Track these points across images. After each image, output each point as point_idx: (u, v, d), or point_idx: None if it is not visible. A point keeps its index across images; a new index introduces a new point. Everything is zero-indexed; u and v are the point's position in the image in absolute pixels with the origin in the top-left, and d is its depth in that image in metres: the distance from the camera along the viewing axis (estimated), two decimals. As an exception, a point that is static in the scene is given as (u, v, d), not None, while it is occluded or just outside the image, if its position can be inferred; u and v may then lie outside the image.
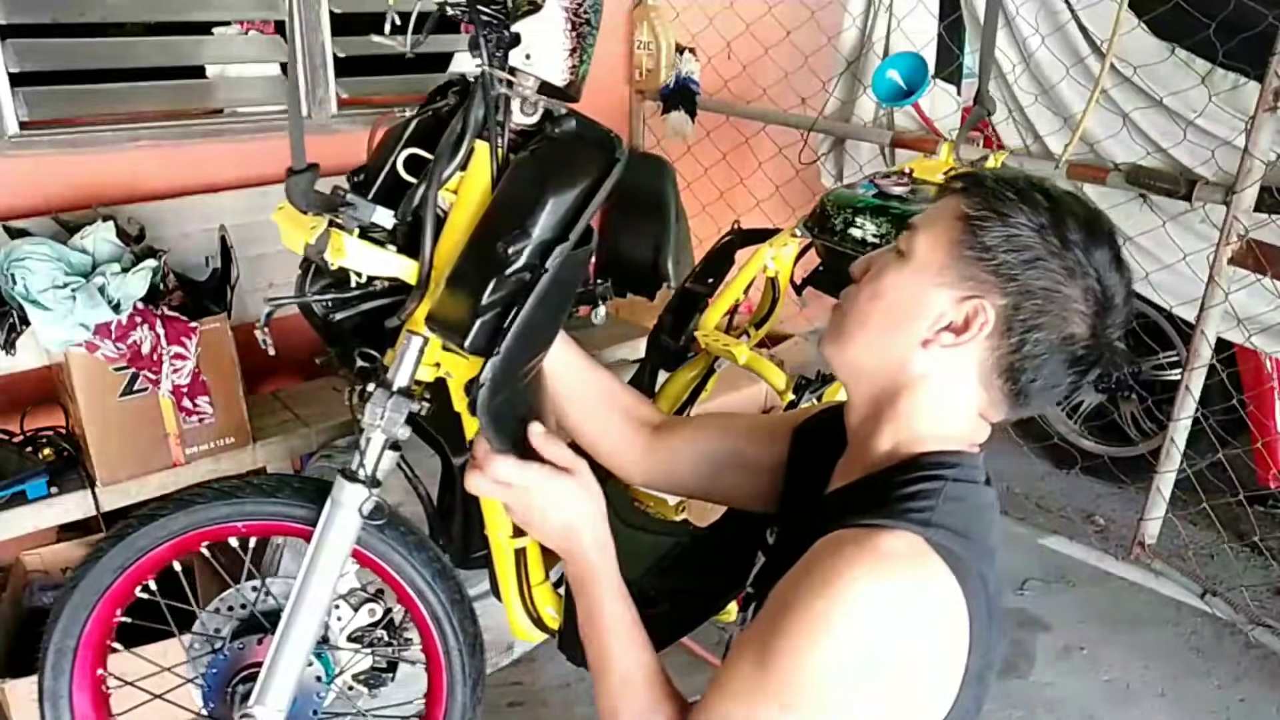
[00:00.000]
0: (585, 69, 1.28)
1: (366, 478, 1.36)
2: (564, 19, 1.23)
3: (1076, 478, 3.14)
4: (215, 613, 1.55)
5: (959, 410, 1.02)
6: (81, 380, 1.92)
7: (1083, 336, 0.99)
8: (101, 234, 1.96)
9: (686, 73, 3.20)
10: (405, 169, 1.34)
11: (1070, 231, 0.96)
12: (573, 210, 1.21)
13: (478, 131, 1.29)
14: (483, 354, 1.19)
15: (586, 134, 1.29)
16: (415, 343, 1.31)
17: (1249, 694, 2.32)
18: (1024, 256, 0.96)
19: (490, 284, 1.17)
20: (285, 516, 1.49)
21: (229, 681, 1.51)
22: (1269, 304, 2.37)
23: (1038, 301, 0.96)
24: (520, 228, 1.18)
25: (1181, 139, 2.43)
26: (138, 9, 2.43)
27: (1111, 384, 1.10)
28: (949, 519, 0.93)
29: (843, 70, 3.09)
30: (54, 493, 1.99)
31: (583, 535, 1.14)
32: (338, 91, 2.62)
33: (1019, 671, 2.37)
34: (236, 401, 2.10)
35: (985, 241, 0.97)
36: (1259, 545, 2.76)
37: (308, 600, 1.39)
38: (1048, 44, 2.63)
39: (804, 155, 3.17)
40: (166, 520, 1.49)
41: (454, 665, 1.59)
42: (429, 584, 1.54)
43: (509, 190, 1.27)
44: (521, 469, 1.15)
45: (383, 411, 1.31)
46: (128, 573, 1.49)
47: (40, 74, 2.22)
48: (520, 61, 1.24)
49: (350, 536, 1.39)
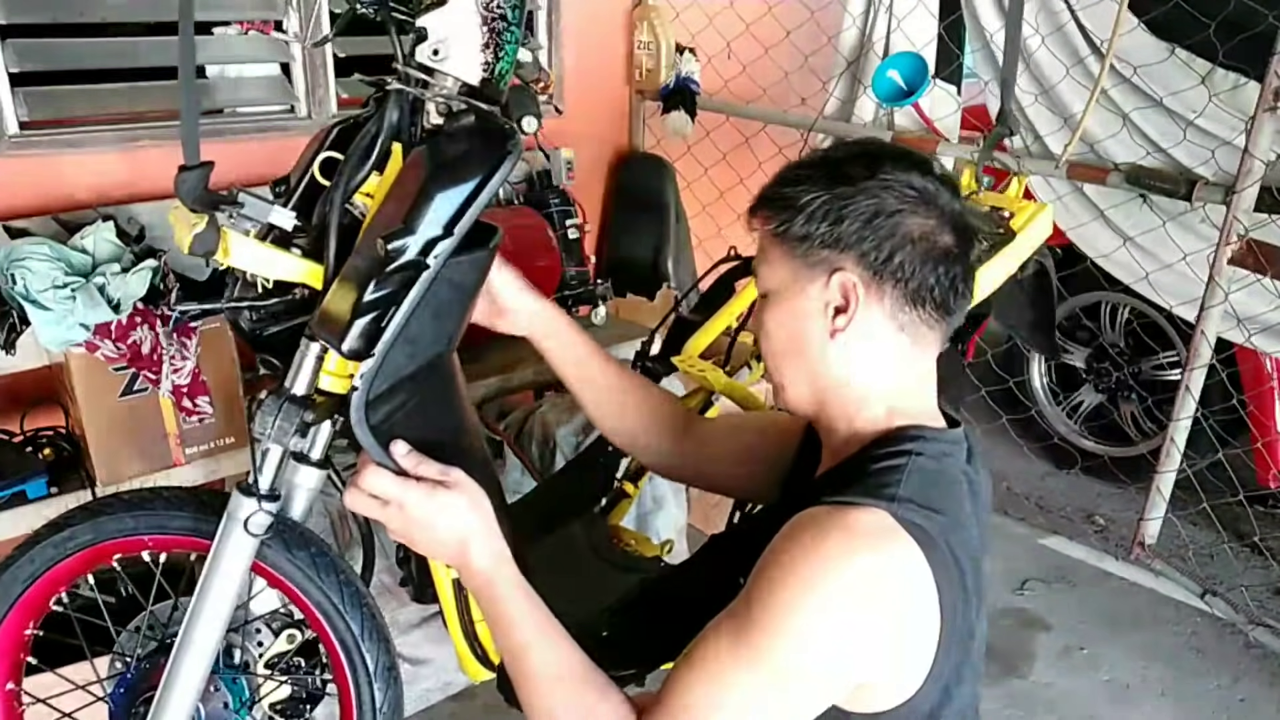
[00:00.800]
0: (505, 66, 1.21)
1: (259, 491, 1.29)
2: (475, 12, 1.18)
3: (1076, 478, 3.14)
4: (135, 632, 1.47)
5: (897, 366, 1.06)
6: (81, 380, 1.92)
7: (930, 226, 1.02)
8: (101, 234, 1.95)
9: (686, 73, 3.20)
10: (323, 174, 1.29)
11: (848, 168, 1.03)
12: (459, 205, 1.15)
13: (393, 133, 1.25)
14: (360, 357, 1.13)
15: (479, 127, 1.22)
16: (312, 349, 1.25)
17: (1249, 694, 2.32)
18: (831, 215, 1.01)
19: (371, 282, 1.12)
20: (193, 531, 1.41)
21: (133, 702, 1.44)
22: (1269, 304, 2.38)
23: (871, 233, 1.01)
24: (404, 224, 1.12)
25: (1181, 139, 2.43)
26: (138, 9, 2.43)
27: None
28: (914, 493, 0.96)
29: (843, 70, 3.09)
30: (54, 493, 1.99)
31: (470, 544, 1.08)
32: (338, 91, 2.62)
33: (1019, 671, 2.37)
34: (237, 401, 2.10)
35: (799, 233, 1.03)
36: (1259, 545, 2.76)
37: (202, 620, 1.31)
38: (1048, 44, 2.63)
39: (804, 155, 3.17)
40: (74, 531, 1.42)
41: (363, 697, 1.48)
42: (337, 608, 1.44)
43: (398, 187, 1.22)
44: (397, 484, 1.10)
45: (273, 420, 1.23)
46: (36, 584, 1.42)
47: (40, 74, 2.22)
48: (428, 58, 1.19)
49: (244, 553, 1.31)
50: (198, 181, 1.21)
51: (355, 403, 1.13)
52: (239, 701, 1.46)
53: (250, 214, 1.23)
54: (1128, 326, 3.11)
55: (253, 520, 1.28)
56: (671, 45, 3.22)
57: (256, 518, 1.28)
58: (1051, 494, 3.12)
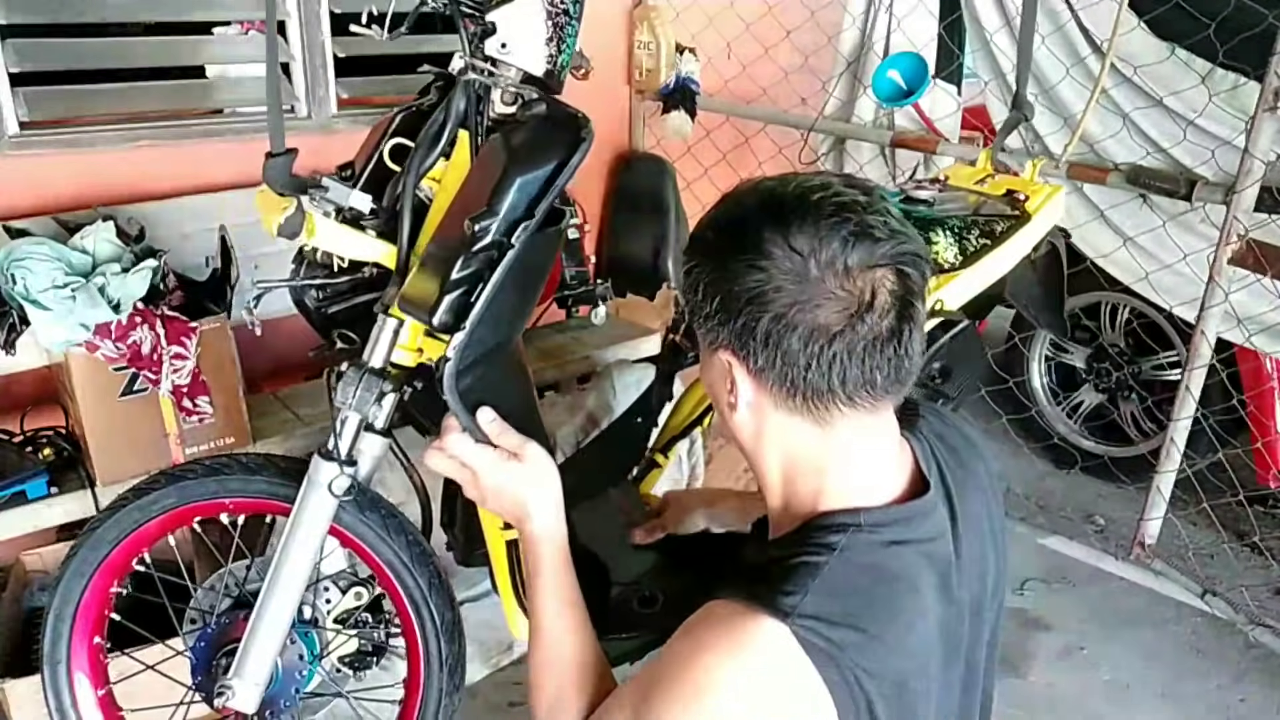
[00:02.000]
0: (566, 58, 1.31)
1: (340, 457, 1.38)
2: (541, 8, 1.26)
3: (1076, 478, 3.14)
4: (210, 590, 1.60)
5: (813, 448, 0.95)
6: (81, 380, 1.92)
7: (800, 306, 0.88)
8: (101, 234, 1.95)
9: (686, 73, 3.20)
10: (392, 159, 1.36)
11: (733, 236, 0.93)
12: (539, 188, 1.23)
13: (459, 121, 1.33)
14: (449, 331, 1.21)
15: (553, 115, 1.31)
16: (390, 324, 1.33)
17: (1249, 694, 2.32)
18: (708, 293, 0.93)
19: (458, 262, 1.19)
20: (270, 494, 1.52)
21: (214, 655, 1.55)
22: (1269, 304, 2.38)
23: (739, 319, 0.91)
24: (486, 206, 1.20)
25: (1181, 139, 2.43)
26: (138, 9, 2.43)
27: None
28: (822, 607, 0.86)
29: (843, 70, 3.09)
30: (54, 493, 1.99)
31: (528, 520, 1.17)
32: (338, 91, 2.62)
33: (1019, 671, 2.37)
34: (236, 401, 2.10)
35: (689, 303, 0.97)
36: (1259, 545, 2.76)
37: (283, 577, 1.42)
38: (1048, 44, 2.63)
39: (804, 155, 3.17)
40: (159, 495, 1.53)
41: (430, 649, 1.60)
42: (407, 566, 1.56)
43: (477, 171, 1.29)
44: (476, 450, 1.19)
45: (354, 390, 1.33)
46: (122, 544, 1.53)
47: (40, 74, 2.22)
48: (496, 51, 1.26)
49: (325, 515, 1.42)
50: (284, 167, 1.28)
51: (448, 371, 1.20)
52: (311, 654, 1.57)
53: (333, 198, 1.30)
54: (1128, 326, 3.10)
55: (335, 483, 1.38)
56: (671, 45, 3.21)
57: (339, 481, 1.38)
58: (1051, 494, 3.12)
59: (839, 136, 3.18)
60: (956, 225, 1.79)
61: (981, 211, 1.85)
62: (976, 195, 1.93)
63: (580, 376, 2.74)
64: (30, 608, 2.14)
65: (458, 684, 1.63)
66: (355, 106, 2.67)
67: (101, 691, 1.60)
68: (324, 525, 1.43)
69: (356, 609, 1.63)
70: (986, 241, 1.79)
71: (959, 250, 1.78)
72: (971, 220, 1.81)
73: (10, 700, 1.86)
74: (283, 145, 1.28)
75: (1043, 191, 1.89)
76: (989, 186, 1.96)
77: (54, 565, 2.24)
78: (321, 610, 1.60)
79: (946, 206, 1.86)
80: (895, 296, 0.89)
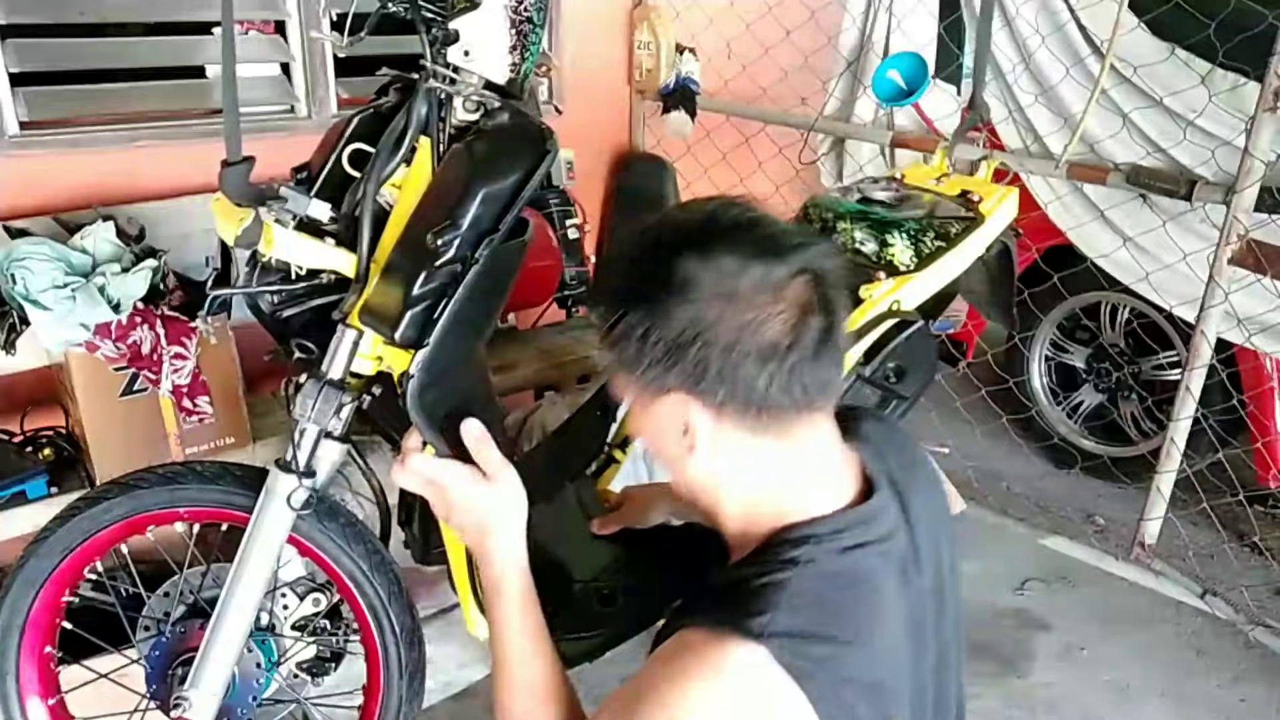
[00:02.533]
0: (529, 66, 1.29)
1: (299, 469, 1.37)
2: (504, 16, 1.24)
3: (1076, 478, 3.14)
4: (165, 597, 1.58)
5: (772, 469, 0.96)
6: (81, 380, 1.92)
7: (743, 325, 0.88)
8: (101, 234, 1.96)
9: (686, 73, 3.20)
10: (350, 165, 1.35)
11: (658, 269, 0.90)
12: (503, 201, 1.22)
13: (421, 128, 1.31)
14: (413, 346, 1.20)
15: (516, 126, 1.29)
16: (349, 335, 1.31)
17: (1249, 694, 2.32)
18: (646, 334, 0.90)
19: (420, 276, 1.18)
20: (226, 504, 1.50)
21: (170, 664, 1.53)
22: (1269, 304, 2.37)
23: (682, 353, 0.89)
24: (450, 219, 1.19)
25: (1181, 139, 2.43)
26: (138, 9, 2.43)
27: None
28: (793, 622, 0.86)
29: (843, 70, 3.09)
30: (54, 493, 1.99)
31: (489, 540, 1.14)
32: (338, 91, 2.62)
33: (1019, 671, 2.37)
34: (236, 401, 2.10)
35: (624, 353, 0.93)
36: (1259, 545, 2.76)
37: (241, 587, 1.41)
38: (1048, 44, 2.63)
39: (804, 155, 3.17)
40: (111, 504, 1.50)
41: (390, 656, 1.59)
42: (366, 575, 1.55)
43: (440, 182, 1.28)
44: (440, 467, 1.17)
45: (313, 403, 1.32)
46: (74, 554, 1.51)
47: (40, 74, 2.22)
48: (459, 58, 1.25)
49: (283, 526, 1.41)
50: (242, 176, 1.27)
51: (413, 387, 1.20)
52: (269, 661, 1.56)
53: (291, 207, 1.29)
54: (1128, 326, 3.10)
55: (294, 496, 1.37)
56: (671, 45, 3.22)
57: (297, 493, 1.37)
58: (1051, 494, 3.12)
59: (839, 136, 3.18)
60: (912, 228, 1.83)
61: (937, 213, 1.89)
62: (932, 195, 1.97)
63: (580, 376, 2.74)
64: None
65: (418, 690, 1.62)
66: (355, 106, 2.67)
67: (52, 701, 1.57)
68: (282, 536, 1.42)
69: (315, 615, 1.62)
70: (942, 244, 1.83)
71: (915, 253, 1.82)
72: (927, 223, 1.85)
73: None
74: (239, 153, 1.27)
75: (996, 192, 1.95)
76: (944, 186, 2.01)
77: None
78: (279, 616, 1.59)
79: (903, 209, 1.90)
80: (820, 295, 0.91)
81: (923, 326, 1.85)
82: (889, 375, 1.83)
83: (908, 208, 1.90)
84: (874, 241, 1.84)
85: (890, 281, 1.80)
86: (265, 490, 1.40)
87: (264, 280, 1.38)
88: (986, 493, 3.04)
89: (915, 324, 1.82)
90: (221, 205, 1.34)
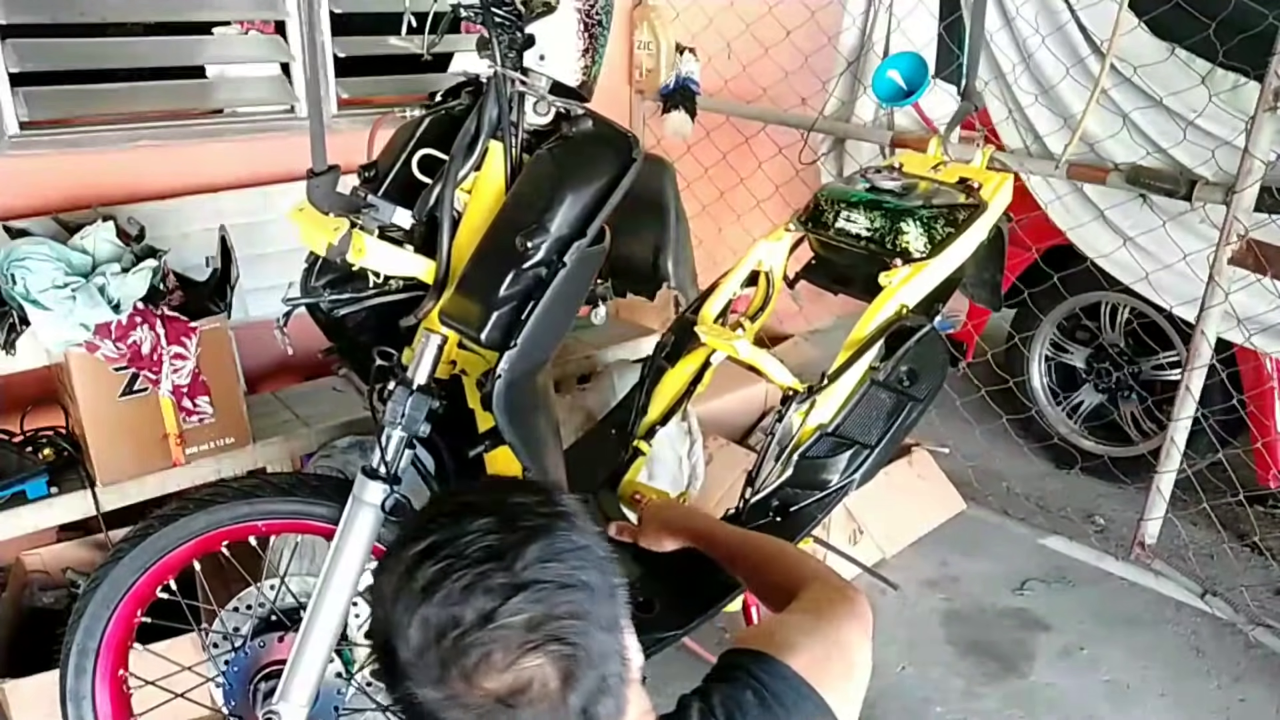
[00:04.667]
0: (597, 69, 1.31)
1: (387, 475, 1.37)
2: (577, 20, 1.26)
3: (1076, 478, 3.14)
4: (234, 611, 1.57)
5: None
6: (81, 380, 1.92)
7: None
8: (101, 234, 1.95)
9: (686, 73, 3.19)
10: (419, 169, 1.35)
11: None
12: (590, 207, 1.23)
13: (492, 131, 1.31)
14: (498, 348, 1.21)
15: (603, 133, 1.31)
16: (434, 340, 1.32)
17: (1249, 694, 2.32)
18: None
19: (507, 278, 1.20)
20: (304, 515, 1.50)
21: (251, 679, 1.53)
22: (1269, 304, 2.37)
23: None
24: (538, 223, 1.20)
25: (1181, 139, 2.43)
26: (138, 9, 2.43)
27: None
28: None
29: (843, 70, 3.09)
30: (54, 493, 1.99)
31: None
32: (338, 91, 2.62)
33: (1019, 671, 2.37)
34: (236, 401, 2.10)
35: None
36: (1259, 545, 2.76)
37: (330, 596, 1.40)
38: (1048, 44, 2.63)
39: (804, 155, 3.17)
40: (188, 520, 1.49)
41: None
42: None
43: (526, 187, 1.29)
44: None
45: (403, 409, 1.32)
46: (149, 573, 1.50)
47: (40, 74, 2.22)
48: (534, 62, 1.26)
49: (372, 533, 1.40)
50: (330, 186, 1.27)
51: (499, 387, 1.20)
52: (347, 670, 1.57)
53: (379, 216, 1.29)
54: (1128, 326, 3.10)
55: (387, 502, 1.37)
56: (671, 45, 3.21)
57: (390, 500, 1.37)
58: (1051, 494, 3.12)
59: (839, 136, 3.18)
60: (925, 215, 1.87)
61: (938, 200, 1.93)
62: (931, 183, 2.00)
63: (580, 376, 2.74)
64: (30, 608, 2.14)
65: None
66: (355, 106, 2.67)
67: None
68: (370, 542, 1.41)
69: None
70: (951, 230, 1.86)
71: (928, 240, 1.86)
72: (938, 210, 1.89)
73: (10, 701, 1.86)
74: (325, 162, 1.26)
75: (993, 179, 1.99)
76: (942, 174, 2.05)
77: (54, 565, 2.24)
78: (352, 626, 1.59)
79: (911, 197, 1.94)
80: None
81: (932, 329, 1.87)
82: (902, 379, 1.86)
83: (915, 196, 1.94)
84: (888, 229, 1.87)
85: (907, 268, 1.83)
86: (353, 498, 1.39)
87: (325, 278, 1.40)
88: (986, 493, 3.04)
89: (924, 327, 1.84)
90: (308, 215, 1.33)
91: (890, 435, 1.84)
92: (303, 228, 1.36)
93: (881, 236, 1.88)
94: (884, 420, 1.84)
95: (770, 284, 2.07)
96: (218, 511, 1.49)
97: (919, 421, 1.91)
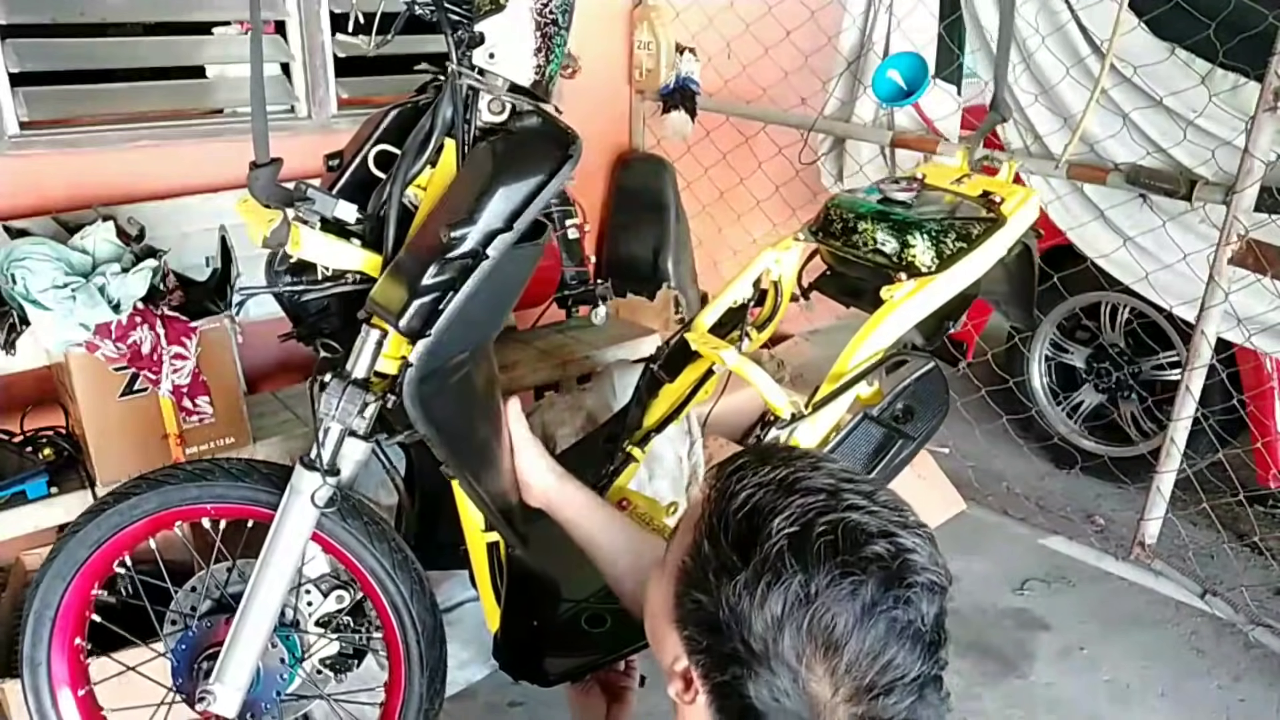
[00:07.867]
0: (554, 68, 1.31)
1: (323, 467, 1.38)
2: (529, 19, 1.26)
3: (1076, 478, 3.14)
4: (191, 591, 1.59)
5: None
6: (81, 380, 1.92)
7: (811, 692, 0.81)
8: (101, 234, 1.95)
9: (686, 73, 3.20)
10: (376, 165, 1.36)
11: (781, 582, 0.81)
12: (521, 201, 1.23)
13: (446, 129, 1.32)
14: (415, 335, 1.21)
15: (544, 129, 1.31)
16: (373, 335, 1.33)
17: (1249, 694, 2.32)
18: (732, 626, 0.83)
19: (431, 267, 1.19)
20: (252, 501, 1.52)
21: (195, 658, 1.55)
22: (1269, 304, 2.37)
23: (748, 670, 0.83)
24: (466, 214, 1.20)
25: (1181, 139, 2.43)
26: (138, 9, 2.43)
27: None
28: None
29: (843, 70, 3.09)
30: (54, 493, 1.99)
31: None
32: (338, 91, 2.62)
33: (1019, 671, 2.37)
34: (236, 401, 2.10)
35: (701, 607, 0.86)
36: (1259, 545, 2.76)
37: (266, 583, 1.43)
38: (1048, 44, 2.63)
39: (804, 155, 3.17)
40: (139, 499, 1.52)
41: (411, 654, 1.61)
42: (389, 573, 1.56)
43: (462, 179, 1.29)
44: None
45: (337, 402, 1.33)
46: (103, 547, 1.53)
47: (40, 74, 2.22)
48: (484, 60, 1.26)
49: (307, 523, 1.42)
50: (270, 178, 1.28)
51: (410, 376, 1.21)
52: (293, 657, 1.57)
53: (318, 209, 1.30)
54: (1128, 326, 3.10)
55: (319, 493, 1.39)
56: (671, 45, 3.22)
57: (321, 491, 1.39)
58: (1051, 494, 3.12)
59: (839, 136, 3.18)
60: (934, 228, 1.79)
61: (958, 214, 1.86)
62: (953, 195, 1.94)
63: (580, 376, 2.74)
64: (30, 608, 2.14)
65: (439, 688, 1.64)
66: (355, 106, 2.67)
67: (82, 692, 1.60)
68: (306, 533, 1.43)
69: (338, 612, 1.63)
70: (963, 245, 1.80)
71: (935, 254, 1.78)
72: (949, 223, 1.81)
73: (10, 701, 1.86)
74: (267, 155, 1.28)
75: (1018, 194, 1.92)
76: (966, 186, 1.98)
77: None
78: (303, 613, 1.60)
79: (925, 208, 1.86)
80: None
81: (935, 368, 1.82)
82: (897, 415, 1.80)
83: (929, 208, 1.86)
84: (895, 242, 1.79)
85: (911, 283, 1.76)
86: (290, 488, 1.41)
87: (284, 271, 1.40)
88: (986, 493, 3.04)
89: (927, 365, 1.79)
90: (249, 206, 1.35)
91: (875, 472, 1.76)
92: (246, 219, 1.38)
93: (888, 249, 1.80)
94: (871, 457, 1.78)
95: (779, 294, 2.04)
96: (169, 492, 1.52)
97: (910, 460, 1.83)
